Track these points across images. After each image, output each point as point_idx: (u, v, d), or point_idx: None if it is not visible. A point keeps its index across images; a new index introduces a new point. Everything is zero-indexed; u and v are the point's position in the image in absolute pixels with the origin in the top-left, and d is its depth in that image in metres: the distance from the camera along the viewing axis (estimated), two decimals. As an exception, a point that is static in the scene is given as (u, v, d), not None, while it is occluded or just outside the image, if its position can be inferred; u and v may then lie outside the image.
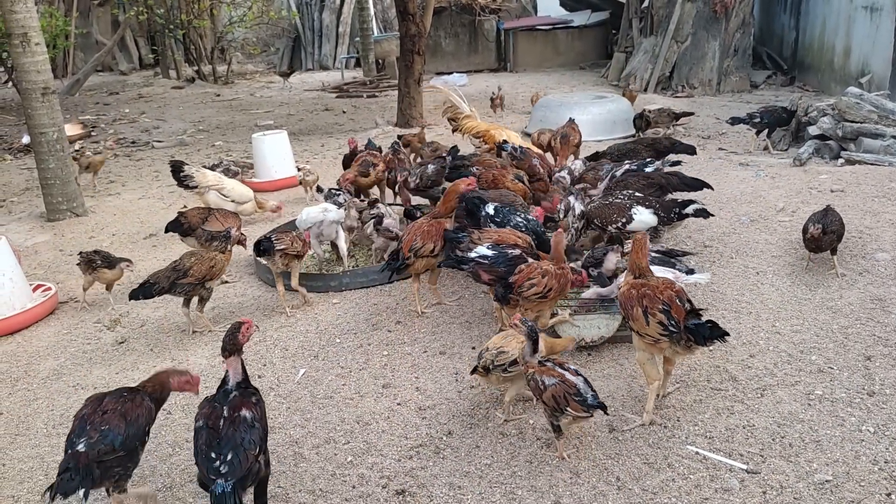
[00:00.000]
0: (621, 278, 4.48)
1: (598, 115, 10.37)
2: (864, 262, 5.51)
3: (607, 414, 3.65)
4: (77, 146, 10.41)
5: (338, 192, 6.32)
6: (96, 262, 5.66)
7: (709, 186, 6.04)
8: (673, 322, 3.58)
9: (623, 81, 14.77)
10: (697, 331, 3.57)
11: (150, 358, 4.95)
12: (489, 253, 4.55)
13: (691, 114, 10.49)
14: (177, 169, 7.26)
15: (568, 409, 3.38)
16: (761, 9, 15.40)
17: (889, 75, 10.57)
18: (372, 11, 19.58)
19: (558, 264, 4.45)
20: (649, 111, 10.12)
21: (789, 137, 9.18)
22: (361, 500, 3.41)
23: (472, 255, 4.58)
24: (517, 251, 4.56)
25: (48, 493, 2.97)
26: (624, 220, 5.27)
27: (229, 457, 2.89)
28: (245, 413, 3.03)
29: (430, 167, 6.57)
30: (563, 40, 18.80)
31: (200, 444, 2.98)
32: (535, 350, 3.63)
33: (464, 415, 4.00)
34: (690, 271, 4.67)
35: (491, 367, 3.69)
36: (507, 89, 15.31)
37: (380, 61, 18.74)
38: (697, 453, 3.56)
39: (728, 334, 3.62)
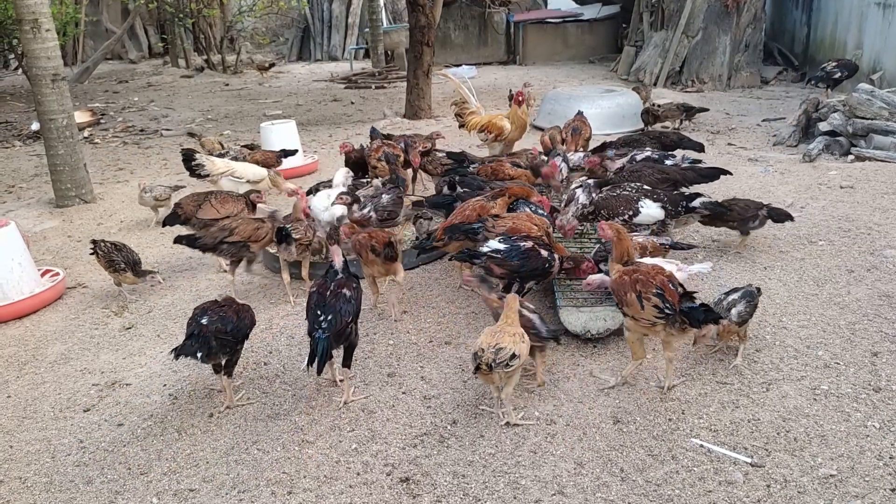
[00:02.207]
0: None
1: (606, 108, 10.34)
2: (873, 259, 5.49)
3: (559, 343, 4.30)
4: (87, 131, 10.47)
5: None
6: (119, 264, 5.52)
7: (726, 172, 6.14)
8: (668, 305, 3.68)
9: (633, 76, 14.71)
10: (692, 314, 3.72)
11: (157, 344, 4.97)
12: (501, 247, 4.54)
13: (706, 109, 10.46)
14: (188, 158, 7.26)
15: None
16: (773, 4, 15.30)
17: (901, 72, 10.50)
18: (382, 2, 19.54)
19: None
20: (657, 105, 10.07)
21: (799, 133, 9.14)
22: (365, 487, 3.43)
23: (485, 248, 4.58)
24: (529, 243, 4.55)
25: (173, 353, 3.76)
26: (631, 212, 5.27)
27: (329, 317, 3.81)
28: (345, 291, 3.96)
29: (385, 197, 5.73)
30: (574, 34, 18.72)
31: (311, 304, 3.94)
32: (490, 288, 4.16)
33: (468, 404, 4.01)
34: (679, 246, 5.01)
35: (493, 364, 3.63)
36: (516, 82, 15.26)
37: (389, 52, 18.70)
38: (702, 446, 3.56)
39: (721, 317, 3.80)
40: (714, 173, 6.13)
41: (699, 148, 7.19)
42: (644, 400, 3.96)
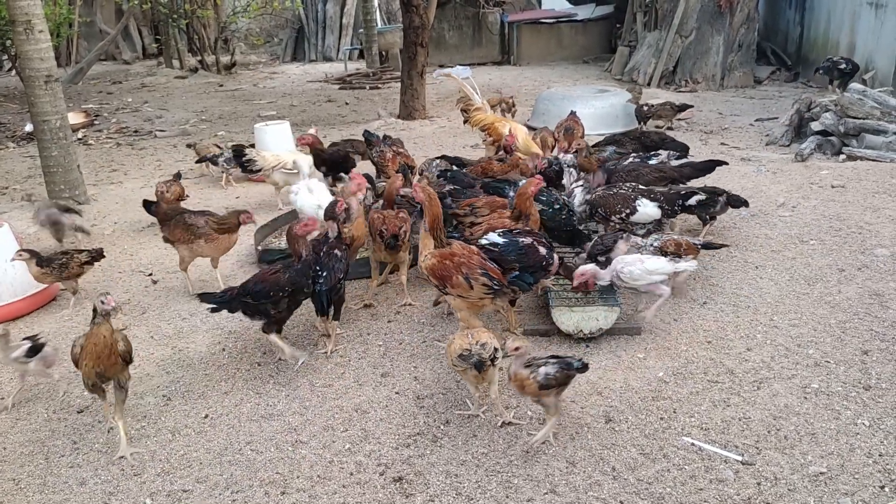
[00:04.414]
0: (620, 261, 4.54)
1: (600, 108, 10.36)
2: (864, 258, 5.53)
3: None
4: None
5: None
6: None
7: (722, 163, 6.39)
8: (496, 282, 4.14)
9: (627, 76, 14.74)
10: (520, 282, 4.23)
11: (151, 345, 4.97)
12: (500, 241, 4.56)
13: (691, 106, 10.48)
14: (238, 154, 7.29)
15: None
16: (766, 4, 15.34)
17: (893, 72, 10.55)
18: (376, 3, 19.52)
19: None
20: (646, 106, 10.09)
21: (791, 133, 9.17)
22: (359, 486, 3.44)
23: (483, 241, 4.59)
24: (528, 239, 4.56)
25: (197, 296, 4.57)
26: (628, 210, 5.31)
27: (325, 274, 4.48)
28: (337, 252, 4.62)
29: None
30: (567, 34, 18.74)
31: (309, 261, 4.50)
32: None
33: (461, 404, 4.02)
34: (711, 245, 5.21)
35: (493, 359, 3.63)
36: (510, 82, 15.32)
37: (383, 53, 18.70)
38: (693, 444, 3.59)
39: (549, 271, 4.41)
40: (710, 166, 6.33)
41: (683, 149, 7.16)
42: (636, 399, 3.98)
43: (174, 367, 4.65)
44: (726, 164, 6.56)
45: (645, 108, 9.98)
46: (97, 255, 5.67)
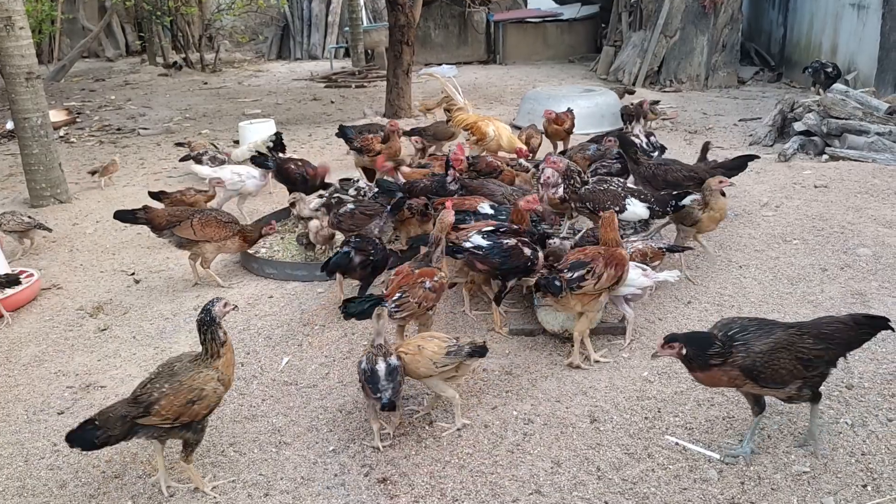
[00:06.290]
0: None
1: (585, 108, 10.35)
2: (846, 257, 5.56)
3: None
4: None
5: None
6: None
7: (754, 157, 6.34)
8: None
9: (612, 75, 14.79)
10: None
11: (133, 346, 4.93)
12: (484, 243, 4.56)
13: (657, 102, 10.52)
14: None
15: None
16: (750, 5, 15.45)
17: (875, 73, 10.64)
18: (361, 1, 19.47)
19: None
20: (631, 104, 10.10)
21: (775, 133, 9.23)
22: (343, 488, 3.42)
23: (467, 244, 4.59)
24: (512, 241, 4.56)
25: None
26: (617, 208, 5.27)
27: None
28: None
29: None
30: (553, 33, 18.78)
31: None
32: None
33: (445, 405, 4.01)
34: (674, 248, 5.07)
35: None
36: (496, 81, 15.33)
37: (369, 51, 18.65)
38: (677, 444, 3.59)
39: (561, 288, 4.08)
40: (742, 163, 6.17)
41: (660, 150, 7.18)
42: (621, 399, 3.98)
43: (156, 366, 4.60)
44: (758, 157, 6.61)
45: (630, 107, 10.00)
46: (7, 280, 5.32)
